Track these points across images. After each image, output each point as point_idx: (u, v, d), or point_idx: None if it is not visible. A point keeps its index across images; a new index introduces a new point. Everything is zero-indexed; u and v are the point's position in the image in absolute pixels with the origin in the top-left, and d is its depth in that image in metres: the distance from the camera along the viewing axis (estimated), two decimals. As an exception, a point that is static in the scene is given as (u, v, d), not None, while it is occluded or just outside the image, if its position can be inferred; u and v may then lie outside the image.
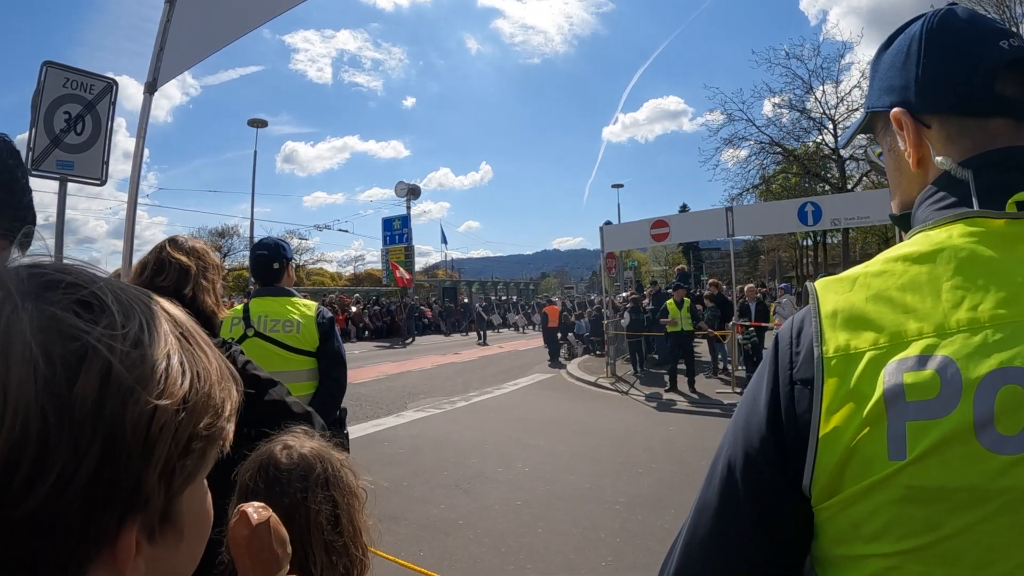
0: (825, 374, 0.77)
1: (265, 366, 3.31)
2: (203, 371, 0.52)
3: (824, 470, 0.75)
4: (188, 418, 0.49)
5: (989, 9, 22.69)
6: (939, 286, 0.77)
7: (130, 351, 0.46)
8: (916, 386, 0.71)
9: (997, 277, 0.75)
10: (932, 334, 0.73)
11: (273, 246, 3.72)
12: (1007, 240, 0.78)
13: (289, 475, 1.41)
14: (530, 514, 5.94)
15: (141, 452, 0.45)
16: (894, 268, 0.81)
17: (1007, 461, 0.66)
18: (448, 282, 54.55)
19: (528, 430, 9.84)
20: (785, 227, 15.30)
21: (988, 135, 0.86)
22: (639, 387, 13.93)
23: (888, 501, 0.71)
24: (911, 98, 0.91)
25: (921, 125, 0.91)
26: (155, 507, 0.48)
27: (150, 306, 0.52)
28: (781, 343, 0.86)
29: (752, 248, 51.77)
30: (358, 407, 11.69)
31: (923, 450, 0.69)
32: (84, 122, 4.31)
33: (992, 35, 0.87)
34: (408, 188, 42.66)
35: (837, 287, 0.84)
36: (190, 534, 0.54)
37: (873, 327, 0.77)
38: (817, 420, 0.76)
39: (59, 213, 4.21)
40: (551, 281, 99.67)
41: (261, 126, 37.97)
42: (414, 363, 20.10)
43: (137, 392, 0.45)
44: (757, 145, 30.99)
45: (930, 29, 0.90)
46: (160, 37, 3.44)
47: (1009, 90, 0.85)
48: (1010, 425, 0.67)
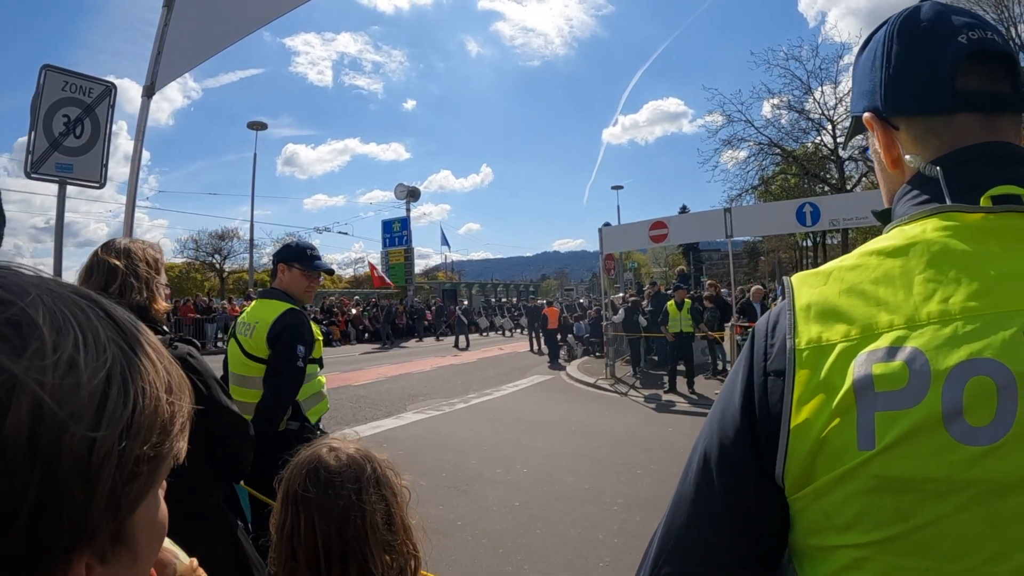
0: (796, 365, 0.78)
1: (234, 368, 3.40)
2: (148, 386, 0.49)
3: (796, 460, 0.76)
4: (132, 443, 0.46)
5: (988, 9, 22.70)
6: (911, 279, 0.77)
7: (61, 381, 0.42)
8: (885, 377, 0.71)
9: (969, 270, 0.75)
10: (902, 326, 0.74)
11: (282, 247, 3.67)
12: (980, 234, 0.78)
13: (341, 477, 1.40)
14: (528, 515, 5.95)
15: (83, 486, 0.43)
16: (868, 262, 0.82)
17: (977, 452, 0.67)
18: (448, 284, 54.56)
19: (527, 431, 9.85)
20: (784, 228, 15.32)
21: (953, 132, 0.87)
22: (638, 388, 13.93)
23: (858, 491, 0.72)
24: (879, 102, 0.93)
25: (890, 127, 0.93)
26: (104, 534, 0.46)
27: (88, 315, 0.48)
28: (757, 336, 0.87)
29: (752, 249, 51.76)
30: (357, 409, 11.73)
31: (891, 440, 0.69)
32: (83, 125, 4.32)
33: (953, 31, 0.87)
34: (408, 190, 42.71)
35: (812, 281, 0.85)
36: (144, 550, 0.52)
37: (845, 319, 0.78)
38: (788, 411, 0.77)
39: (58, 215, 4.23)
40: (551, 283, 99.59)
41: (261, 129, 38.09)
42: (414, 365, 20.11)
43: (72, 426, 0.42)
44: (756, 146, 31.00)
45: (894, 32, 0.92)
46: (158, 41, 3.47)
47: (973, 84, 0.86)
48: (980, 416, 0.67)
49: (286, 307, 3.39)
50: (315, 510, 1.36)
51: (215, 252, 52.39)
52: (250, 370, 3.31)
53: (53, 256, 4.13)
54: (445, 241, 51.04)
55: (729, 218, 13.60)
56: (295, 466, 1.45)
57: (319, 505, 1.36)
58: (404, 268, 41.11)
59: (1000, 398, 0.67)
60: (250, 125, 37.50)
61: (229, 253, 52.20)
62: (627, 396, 13.16)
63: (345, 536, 1.35)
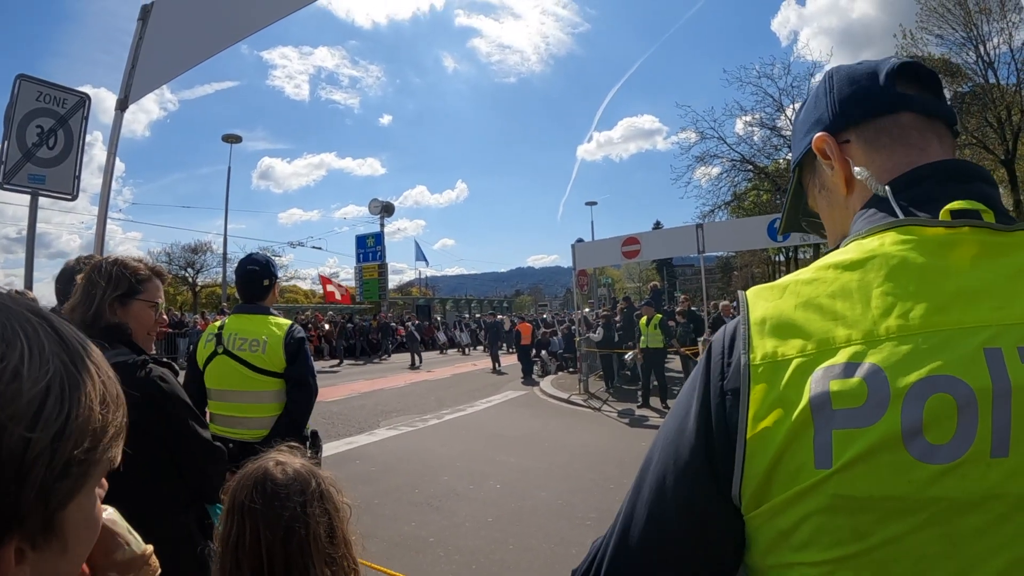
0: (752, 381, 0.77)
1: (232, 385, 3.34)
2: (84, 397, 0.55)
3: (752, 478, 0.75)
4: (64, 445, 0.53)
5: (957, 28, 23.23)
6: (869, 293, 0.76)
7: (5, 388, 0.49)
8: (842, 394, 0.70)
9: (928, 285, 0.74)
10: (860, 341, 0.73)
11: (264, 263, 3.65)
12: (939, 248, 0.77)
13: (287, 490, 1.43)
14: (501, 530, 5.94)
15: (15, 478, 0.49)
16: (825, 275, 0.81)
17: (936, 471, 0.66)
18: (422, 300, 54.37)
19: (500, 447, 9.83)
20: (755, 243, 15.49)
21: (900, 128, 0.91)
22: (612, 403, 13.96)
23: (815, 510, 0.71)
24: (828, 122, 0.97)
25: (842, 143, 0.95)
26: (35, 523, 0.52)
27: (37, 331, 0.54)
28: (713, 353, 0.86)
29: (726, 264, 52.22)
30: (330, 425, 11.59)
31: (849, 459, 0.69)
32: (56, 136, 4.31)
33: (883, 61, 0.96)
34: (382, 206, 42.59)
35: (767, 295, 0.84)
36: (74, 542, 0.58)
37: (802, 334, 0.77)
38: (744, 427, 0.76)
39: (30, 226, 4.21)
40: (526, 299, 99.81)
41: (235, 142, 37.80)
42: (387, 381, 20.00)
43: (10, 427, 0.49)
44: (729, 163, 31.29)
45: (831, 72, 1.01)
46: (132, 55, 3.47)
47: (910, 90, 0.92)
48: (939, 434, 0.67)
49: (288, 321, 3.54)
50: (260, 521, 1.39)
51: (188, 266, 51.83)
52: (260, 385, 3.35)
53: (24, 267, 4.10)
54: (421, 256, 50.80)
55: (701, 234, 13.73)
56: (242, 477, 1.48)
57: (264, 516, 1.40)
58: (378, 284, 40.90)
59: (960, 416, 0.66)
60: (225, 138, 37.20)
61: (202, 267, 51.73)
62: (600, 411, 13.18)
63: (289, 547, 1.38)
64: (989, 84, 22.84)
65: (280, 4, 3.02)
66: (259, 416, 3.34)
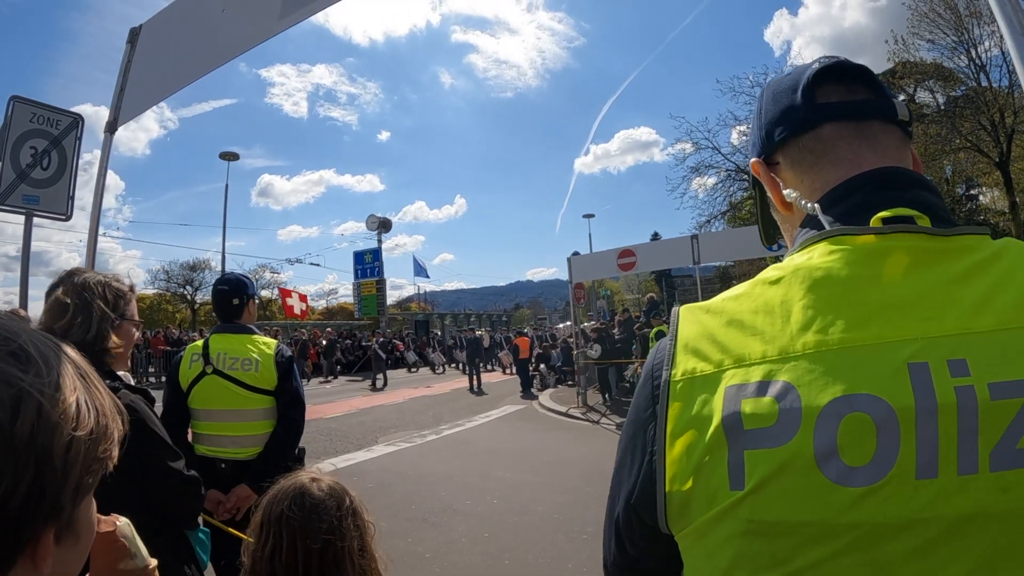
0: (670, 398, 0.76)
1: (222, 404, 3.35)
2: (100, 407, 0.63)
3: (674, 498, 0.74)
4: (93, 445, 0.61)
5: (948, 32, 23.31)
6: (790, 308, 0.74)
7: (54, 394, 0.57)
8: (754, 414, 0.69)
9: (851, 297, 0.72)
10: (775, 358, 0.71)
11: (235, 281, 3.70)
12: (869, 257, 0.74)
13: (325, 504, 1.49)
14: (497, 546, 5.93)
15: (62, 472, 0.57)
16: (752, 291, 0.80)
17: (855, 494, 0.64)
18: (421, 315, 54.33)
19: (498, 462, 9.82)
20: (750, 253, 15.42)
21: (823, 144, 0.86)
22: (610, 416, 13.92)
23: (733, 534, 0.69)
24: (759, 146, 0.95)
25: (773, 165, 0.94)
26: (66, 516, 0.59)
27: (59, 354, 0.62)
28: (644, 372, 0.85)
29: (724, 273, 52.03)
30: (328, 441, 11.60)
31: (760, 480, 0.67)
32: (50, 157, 4.32)
33: (808, 65, 0.90)
34: (379, 221, 42.72)
35: (697, 312, 0.84)
36: (84, 537, 0.65)
37: (720, 350, 0.76)
38: (663, 447, 0.75)
39: (24, 246, 4.21)
40: (525, 312, 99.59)
41: (233, 159, 37.73)
42: (385, 397, 19.95)
43: (62, 426, 0.57)
44: (724, 173, 31.32)
45: (764, 88, 0.98)
46: (121, 77, 3.50)
47: (833, 97, 0.86)
48: (857, 456, 0.64)
49: (273, 340, 3.60)
50: (298, 532, 1.45)
51: (187, 283, 51.80)
52: (252, 403, 3.38)
53: (20, 286, 4.10)
54: (420, 270, 50.75)
55: (696, 244, 13.78)
56: (278, 491, 1.54)
57: (302, 528, 1.45)
58: (376, 299, 40.93)
59: (880, 436, 0.64)
60: (222, 155, 37.11)
61: (201, 284, 51.62)
62: (599, 424, 13.16)
63: (325, 559, 1.44)
64: (982, 87, 22.82)
65: (265, 26, 3.05)
66: (252, 434, 3.36)
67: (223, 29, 3.30)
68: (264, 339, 3.56)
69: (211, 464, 3.23)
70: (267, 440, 3.35)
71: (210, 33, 3.36)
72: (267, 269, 52.80)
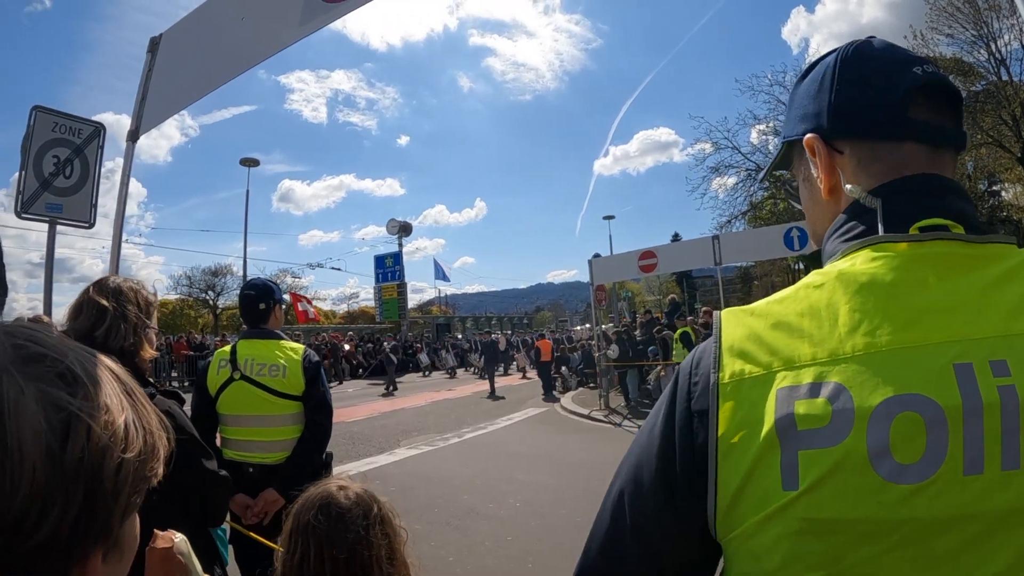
0: (720, 400, 0.76)
1: (250, 409, 3.36)
2: (148, 425, 0.62)
3: (724, 501, 0.74)
4: (142, 465, 0.59)
5: (967, 26, 23.03)
6: (837, 311, 0.75)
7: (104, 417, 0.56)
8: (807, 415, 0.69)
9: (896, 302, 0.73)
10: (825, 360, 0.72)
11: (261, 287, 3.71)
12: (909, 263, 0.76)
13: (351, 513, 1.49)
14: (520, 550, 5.92)
15: (112, 495, 0.56)
16: (796, 295, 0.81)
17: (906, 491, 0.65)
18: (442, 318, 54.45)
19: (520, 465, 9.80)
20: (772, 253, 15.35)
21: (901, 160, 0.84)
22: (632, 418, 13.88)
23: (785, 533, 0.69)
24: (824, 124, 0.89)
25: (834, 151, 0.89)
26: (114, 536, 0.58)
27: (105, 372, 0.61)
28: (680, 376, 0.85)
29: (745, 274, 51.71)
30: (351, 445, 11.65)
31: (815, 480, 0.68)
32: (73, 166, 4.38)
33: (906, 63, 0.85)
34: (399, 225, 42.88)
35: (741, 315, 0.84)
36: (128, 554, 0.64)
37: (769, 352, 0.76)
38: (714, 449, 0.75)
39: (48, 254, 4.26)
40: (546, 315, 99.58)
41: (253, 165, 38.04)
42: (408, 400, 20.00)
43: (111, 449, 0.55)
44: (744, 172, 31.10)
45: (844, 57, 0.89)
46: (142, 87, 3.53)
47: (922, 115, 0.84)
48: (908, 453, 0.65)
49: (300, 345, 3.61)
50: (325, 542, 1.46)
51: (208, 288, 52.28)
52: (279, 408, 3.40)
53: (43, 293, 4.15)
54: (441, 274, 50.85)
55: (717, 245, 13.71)
56: (306, 500, 1.55)
57: (329, 537, 1.46)
58: (397, 303, 41.08)
59: (929, 434, 0.65)
60: (242, 162, 37.38)
61: (223, 290, 52.10)
62: (621, 427, 13.12)
63: (352, 568, 1.45)
64: (1002, 81, 22.54)
65: (284, 34, 3.07)
66: (279, 439, 3.38)
67: (242, 37, 3.32)
68: (291, 344, 3.57)
69: (239, 469, 3.23)
70: (295, 445, 3.37)
71: (229, 42, 3.38)
72: (288, 274, 53.18)
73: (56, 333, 0.61)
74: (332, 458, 3.65)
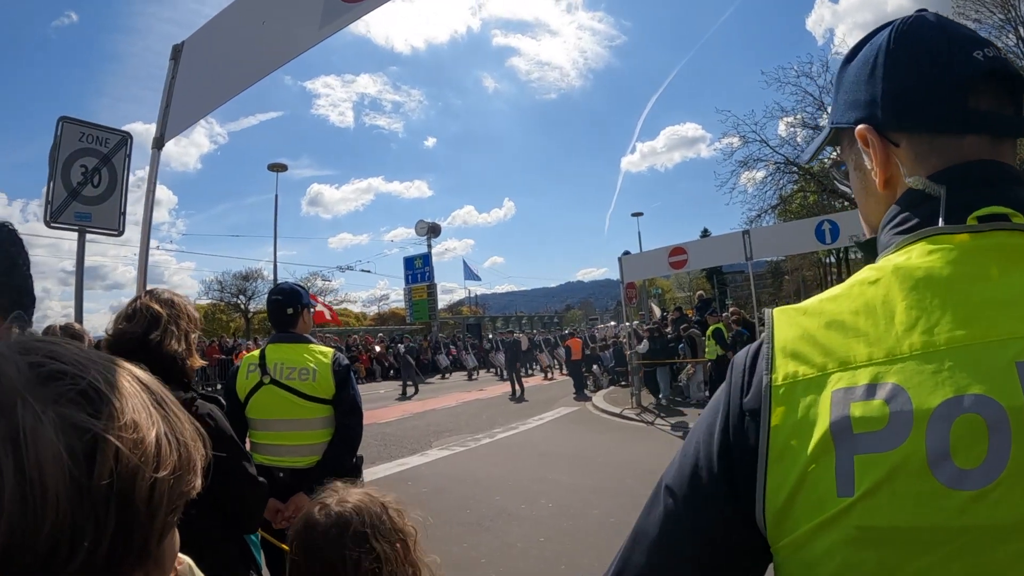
0: (772, 403, 0.73)
1: (280, 414, 3.37)
2: (182, 436, 0.60)
3: (774, 506, 0.70)
4: (177, 482, 0.57)
5: (995, 11, 22.56)
6: (893, 308, 0.72)
7: (132, 436, 0.53)
8: (864, 417, 0.66)
9: (955, 297, 0.70)
10: (882, 360, 0.68)
11: (288, 291, 3.70)
12: (968, 256, 0.72)
13: (325, 536, 1.49)
14: (552, 551, 5.87)
15: (147, 516, 0.54)
16: (850, 292, 0.77)
17: (966, 497, 0.60)
18: (472, 318, 54.59)
19: (552, 465, 9.75)
20: (803, 247, 15.12)
21: (960, 153, 0.80)
22: (665, 417, 13.75)
23: (840, 542, 0.65)
24: (877, 114, 0.84)
25: (889, 143, 0.84)
26: (153, 556, 0.57)
27: (131, 382, 0.58)
28: (735, 371, 0.82)
29: (776, 268, 51.10)
30: (383, 447, 11.71)
31: (871, 485, 0.64)
32: (100, 175, 4.44)
33: (965, 44, 0.80)
34: (428, 227, 43.13)
35: (793, 314, 0.80)
36: (166, 564, 0.62)
37: (823, 353, 0.73)
38: (765, 453, 0.72)
39: (78, 262, 4.32)
40: (576, 313, 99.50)
41: (281, 170, 38.31)
42: (438, 401, 20.07)
43: (141, 470, 0.53)
44: (773, 165, 30.79)
45: (897, 38, 0.84)
46: (166, 94, 3.55)
47: (984, 104, 0.79)
48: (969, 458, 0.61)
49: (329, 349, 3.60)
50: (303, 560, 1.50)
51: (240, 293, 52.85)
52: (310, 412, 3.41)
53: (74, 300, 4.20)
54: (471, 274, 50.91)
55: (748, 240, 13.54)
56: (294, 525, 1.59)
57: (306, 568, 1.50)
58: (427, 304, 41.28)
59: (991, 437, 0.61)
60: (270, 167, 37.66)
61: (254, 294, 52.62)
62: (653, 425, 13.00)
63: None
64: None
65: (305, 37, 3.06)
66: (309, 443, 3.39)
67: (264, 41, 3.32)
68: (320, 348, 3.57)
69: (269, 473, 3.21)
70: (325, 449, 3.37)
71: (251, 46, 3.39)
72: (319, 277, 53.57)
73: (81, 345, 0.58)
74: (363, 461, 3.64)
